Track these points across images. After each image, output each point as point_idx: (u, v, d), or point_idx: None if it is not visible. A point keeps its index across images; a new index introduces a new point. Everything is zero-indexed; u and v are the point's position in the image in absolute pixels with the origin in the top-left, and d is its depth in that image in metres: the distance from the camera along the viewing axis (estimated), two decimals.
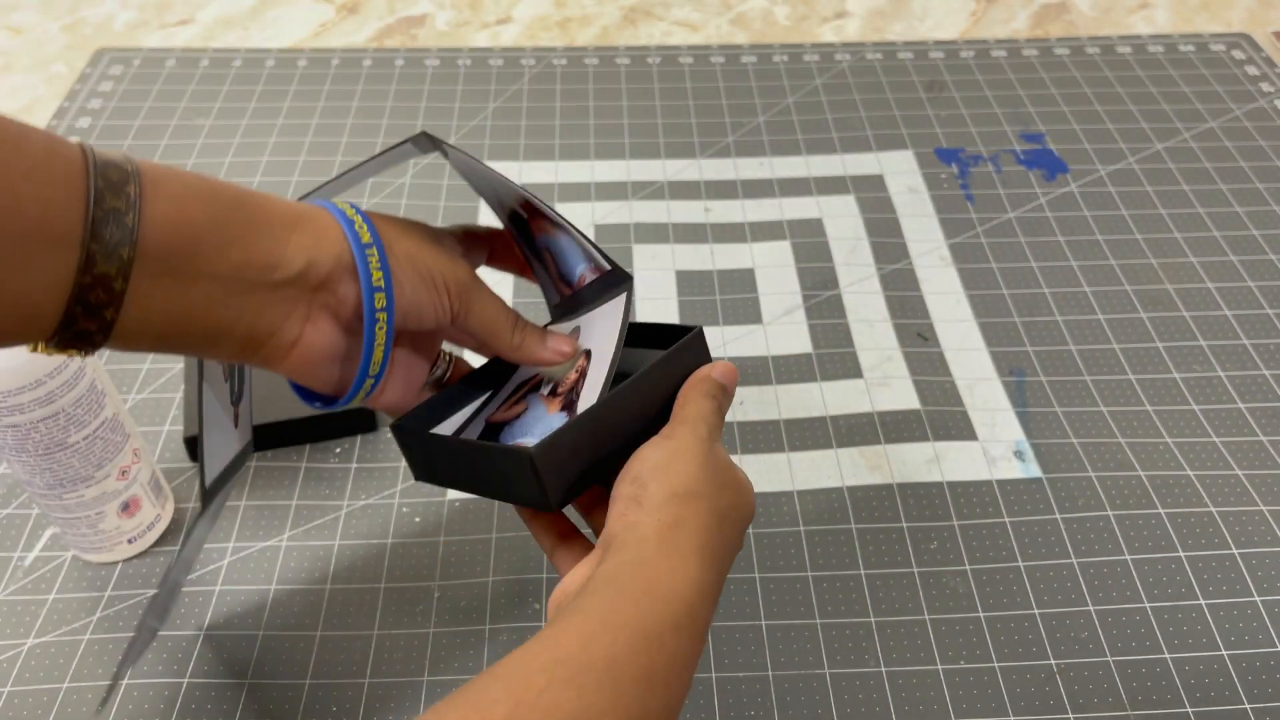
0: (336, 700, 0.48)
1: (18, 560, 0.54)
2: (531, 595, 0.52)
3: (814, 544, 0.54)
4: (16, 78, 0.90)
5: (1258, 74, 0.89)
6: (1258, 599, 0.52)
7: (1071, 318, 0.68)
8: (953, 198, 0.77)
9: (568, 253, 0.44)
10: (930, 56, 0.92)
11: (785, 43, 0.94)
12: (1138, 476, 0.58)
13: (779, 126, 0.84)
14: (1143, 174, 0.79)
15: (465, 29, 0.97)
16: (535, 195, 0.42)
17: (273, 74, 0.89)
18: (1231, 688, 0.49)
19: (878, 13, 0.99)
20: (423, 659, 0.50)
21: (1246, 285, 0.70)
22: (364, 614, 0.52)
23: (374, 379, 0.38)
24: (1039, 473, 0.58)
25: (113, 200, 0.30)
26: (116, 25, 0.97)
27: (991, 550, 0.54)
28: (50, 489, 0.49)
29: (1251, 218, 0.75)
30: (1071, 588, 0.53)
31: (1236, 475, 0.58)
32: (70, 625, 0.51)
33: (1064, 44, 0.93)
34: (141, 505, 0.52)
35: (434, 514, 0.56)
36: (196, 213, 0.32)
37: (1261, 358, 0.65)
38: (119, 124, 0.83)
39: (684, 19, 0.98)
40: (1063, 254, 0.72)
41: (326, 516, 0.56)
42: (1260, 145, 0.82)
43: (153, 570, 0.53)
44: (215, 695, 0.48)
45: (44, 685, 0.48)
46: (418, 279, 0.38)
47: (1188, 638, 0.51)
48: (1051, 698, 0.48)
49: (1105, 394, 0.63)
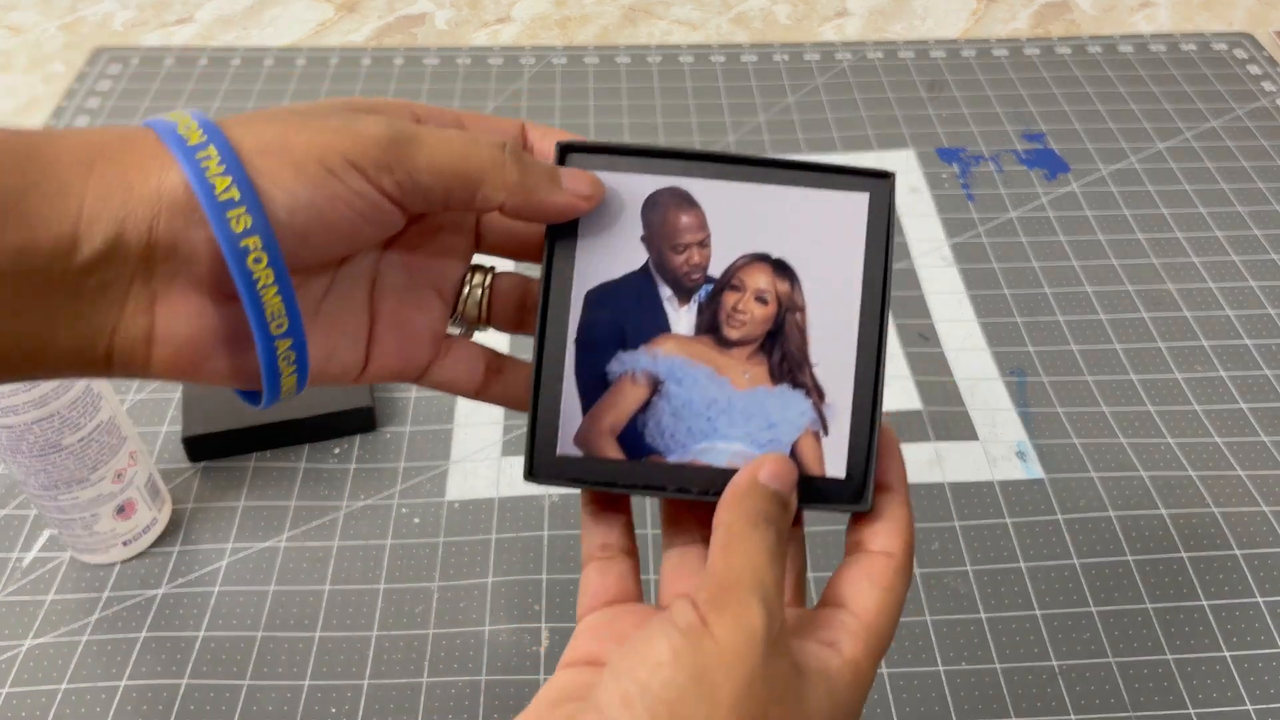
0: (335, 702, 0.48)
1: (16, 561, 0.54)
2: (531, 596, 0.52)
3: (815, 545, 0.54)
4: (15, 77, 0.90)
5: (1260, 73, 0.89)
6: (1260, 600, 0.52)
7: (1073, 318, 0.67)
8: (954, 197, 0.77)
9: None
10: (931, 56, 0.92)
11: (786, 42, 0.94)
12: (1139, 477, 0.57)
13: (779, 126, 0.84)
14: (1144, 173, 0.79)
15: (464, 28, 0.97)
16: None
17: (271, 73, 0.89)
18: (1234, 689, 0.48)
19: (879, 12, 0.99)
20: (422, 660, 0.50)
21: (1248, 285, 0.70)
22: (363, 615, 0.51)
23: (295, 354, 0.26)
24: (1041, 473, 0.58)
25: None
26: (115, 24, 0.97)
27: (993, 551, 0.54)
28: (45, 490, 0.49)
29: (1253, 217, 0.75)
30: (1073, 589, 0.52)
31: (1239, 476, 0.58)
32: (69, 626, 0.51)
33: (1065, 43, 0.93)
34: (137, 508, 0.52)
35: (433, 514, 0.56)
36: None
37: (1264, 358, 0.65)
38: (117, 123, 0.83)
39: (684, 18, 0.98)
40: (1064, 254, 0.72)
41: (325, 517, 0.56)
42: (1262, 145, 0.81)
43: (151, 571, 0.53)
44: (214, 696, 0.48)
45: (42, 686, 0.48)
46: (297, 171, 0.24)
47: (1190, 639, 0.50)
48: (1054, 699, 0.48)
49: (1107, 394, 0.62)
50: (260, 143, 0.24)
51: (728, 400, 0.29)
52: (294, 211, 0.24)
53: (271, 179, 0.24)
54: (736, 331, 0.29)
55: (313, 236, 0.25)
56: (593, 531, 0.31)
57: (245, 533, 0.55)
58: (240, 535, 0.55)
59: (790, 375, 0.29)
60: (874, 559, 0.28)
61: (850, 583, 0.28)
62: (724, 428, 0.29)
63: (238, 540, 0.55)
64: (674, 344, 0.30)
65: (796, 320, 0.29)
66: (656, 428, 0.29)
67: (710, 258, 0.30)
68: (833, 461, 0.29)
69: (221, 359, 0.26)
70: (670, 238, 0.30)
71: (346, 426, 0.59)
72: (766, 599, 0.24)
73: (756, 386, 0.29)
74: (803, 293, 0.29)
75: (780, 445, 0.29)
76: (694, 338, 0.30)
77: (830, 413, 0.29)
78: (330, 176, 0.25)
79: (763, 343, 0.29)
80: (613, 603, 0.30)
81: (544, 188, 0.28)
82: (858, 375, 0.29)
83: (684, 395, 0.29)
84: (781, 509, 0.27)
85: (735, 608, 0.24)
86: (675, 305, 0.30)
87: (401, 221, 0.27)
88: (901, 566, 0.28)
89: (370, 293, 0.30)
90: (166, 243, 0.24)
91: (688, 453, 0.29)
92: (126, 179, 0.24)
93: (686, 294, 0.30)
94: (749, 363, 0.29)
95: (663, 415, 0.29)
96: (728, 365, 0.29)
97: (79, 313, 0.24)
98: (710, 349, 0.29)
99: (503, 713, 0.48)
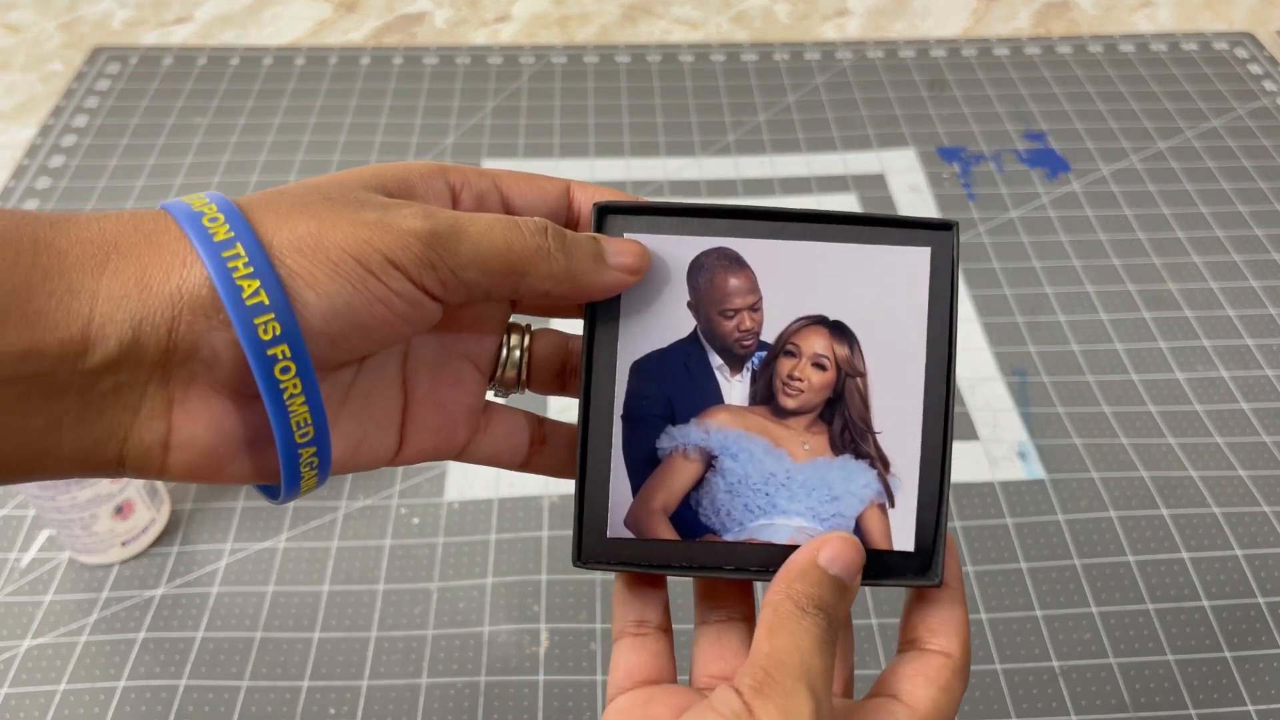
0: (335, 703, 0.48)
1: (14, 561, 0.53)
2: (530, 597, 0.52)
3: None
4: (13, 76, 0.89)
5: (1261, 73, 0.89)
6: (1261, 600, 0.52)
7: (1074, 317, 0.67)
8: (954, 197, 0.77)
9: None
10: (932, 55, 0.91)
11: (786, 41, 0.94)
12: (1140, 477, 0.57)
13: (780, 125, 0.84)
14: (1145, 173, 0.79)
15: (464, 27, 0.97)
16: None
17: (270, 72, 0.89)
18: (1235, 689, 0.48)
19: (879, 10, 0.98)
20: (421, 661, 0.49)
21: (1249, 285, 0.69)
22: (362, 616, 0.51)
23: (318, 460, 0.24)
24: (1042, 473, 0.58)
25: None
26: (114, 23, 0.96)
27: (994, 551, 0.54)
28: (43, 489, 0.48)
29: (1255, 217, 0.75)
30: (1074, 589, 0.52)
31: (1240, 476, 0.58)
32: (67, 626, 0.51)
33: (1066, 42, 0.93)
34: (135, 508, 0.52)
35: (432, 515, 0.56)
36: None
37: (1265, 358, 0.64)
38: (116, 123, 0.83)
39: (684, 17, 0.98)
40: (1065, 253, 0.72)
41: (324, 518, 0.56)
42: (1263, 144, 0.81)
43: (150, 572, 0.53)
44: (212, 697, 0.48)
45: (41, 687, 0.48)
46: (334, 271, 0.23)
47: (1191, 639, 0.50)
48: (1054, 699, 0.48)
49: (1108, 394, 0.62)
50: (293, 239, 0.23)
51: (786, 474, 0.28)
52: (330, 316, 0.23)
53: (306, 280, 0.23)
54: (793, 400, 0.28)
55: (347, 339, 0.24)
56: (628, 606, 0.29)
57: (244, 533, 0.55)
58: (239, 536, 0.55)
59: (853, 445, 0.28)
60: (930, 658, 0.27)
61: (905, 677, 0.27)
62: (784, 503, 0.28)
63: (236, 541, 0.55)
64: (727, 416, 0.28)
65: (857, 386, 0.28)
66: (711, 506, 0.28)
67: (762, 322, 0.28)
68: (900, 534, 0.28)
69: (243, 462, 0.25)
70: (719, 302, 0.28)
71: None
72: (814, 688, 0.23)
73: (817, 458, 0.28)
74: (863, 356, 0.28)
75: (844, 519, 0.28)
76: (748, 408, 0.28)
77: (896, 483, 0.28)
78: (369, 276, 0.23)
79: (822, 411, 0.28)
80: (646, 683, 0.29)
81: (590, 270, 0.26)
82: (924, 442, 0.28)
83: (740, 470, 0.28)
84: (839, 595, 0.25)
85: (781, 698, 0.23)
86: (727, 374, 0.28)
87: (440, 315, 0.26)
88: (960, 668, 0.27)
89: (402, 371, 0.28)
90: (186, 345, 0.22)
91: (745, 530, 0.28)
92: (144, 277, 0.22)
93: (738, 362, 0.28)
94: (808, 433, 0.28)
95: (717, 492, 0.28)
96: (785, 436, 0.28)
97: (89, 418, 0.22)
98: (766, 420, 0.28)
99: (502, 714, 0.47)
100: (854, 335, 0.28)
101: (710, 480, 0.28)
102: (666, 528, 0.28)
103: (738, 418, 0.28)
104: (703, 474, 0.28)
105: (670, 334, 0.28)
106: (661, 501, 0.28)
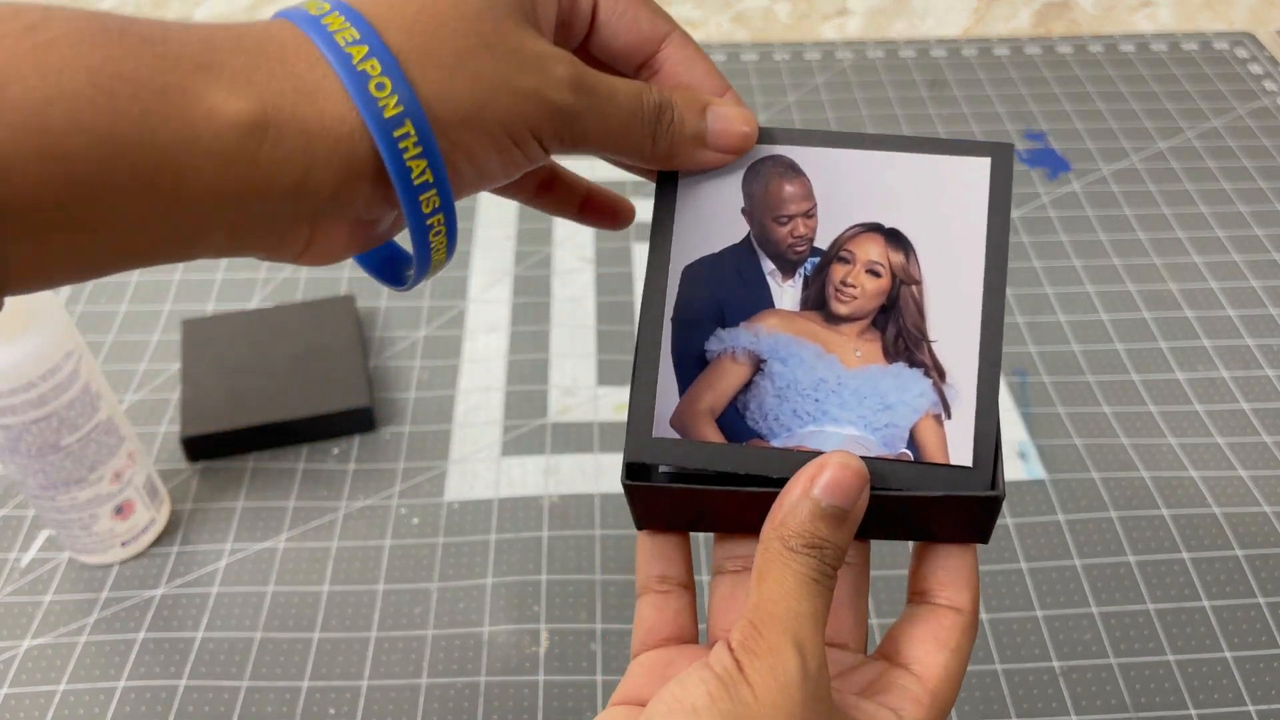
0: (334, 703, 0.48)
1: (14, 561, 0.53)
2: (530, 597, 0.52)
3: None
4: None
5: (1261, 73, 0.89)
6: (1261, 600, 0.52)
7: (1074, 318, 0.67)
8: None
9: None
10: (932, 55, 0.91)
11: (786, 40, 0.94)
12: (1141, 478, 0.57)
13: (780, 125, 0.83)
14: (1146, 173, 0.79)
15: None
16: None
17: None
18: (1235, 690, 0.48)
19: (879, 10, 0.98)
20: (421, 661, 0.49)
21: (1250, 285, 0.69)
22: (362, 616, 0.51)
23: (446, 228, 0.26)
24: (1042, 474, 0.58)
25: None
26: None
27: (994, 552, 0.54)
28: (43, 490, 0.48)
29: (1255, 217, 0.75)
30: (1075, 589, 0.52)
31: (1240, 476, 0.57)
32: (67, 627, 0.51)
33: (1067, 42, 0.93)
34: (135, 509, 0.52)
35: (432, 515, 0.56)
36: (75, 144, 0.19)
37: (1265, 358, 0.64)
38: None
39: (684, 16, 0.98)
40: (1065, 253, 0.72)
41: (324, 518, 0.56)
42: (1264, 144, 0.81)
43: (150, 572, 0.53)
44: (212, 698, 0.48)
45: (40, 687, 0.48)
46: (490, 144, 0.24)
47: (1191, 639, 0.50)
48: (1055, 700, 0.48)
49: (1108, 394, 0.62)
50: (458, 112, 0.23)
51: (838, 380, 0.27)
52: (473, 181, 0.25)
53: (465, 154, 0.24)
54: (846, 306, 0.27)
55: (471, 188, 0.25)
56: (651, 562, 0.29)
57: (244, 533, 0.55)
58: (239, 536, 0.55)
59: (907, 353, 0.27)
60: (941, 615, 0.27)
61: (916, 641, 0.27)
62: (834, 410, 0.27)
63: (236, 541, 0.55)
64: (777, 320, 0.27)
65: (912, 293, 0.27)
66: (759, 410, 0.27)
67: (817, 229, 0.28)
68: (957, 447, 0.27)
69: (366, 247, 0.26)
70: (774, 209, 0.28)
71: (346, 427, 0.59)
72: (800, 640, 0.23)
73: (869, 365, 0.27)
74: (919, 264, 0.27)
75: (898, 429, 0.27)
76: (799, 313, 0.27)
77: (952, 394, 0.27)
78: (514, 149, 0.25)
79: (875, 318, 0.27)
80: (668, 640, 0.29)
81: (688, 155, 0.27)
82: (983, 353, 0.26)
83: (789, 375, 0.27)
84: (833, 527, 0.24)
85: (769, 655, 0.22)
86: (779, 280, 0.28)
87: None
88: (969, 625, 0.27)
89: None
90: (341, 198, 0.23)
91: (794, 436, 0.27)
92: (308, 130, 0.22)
93: (791, 267, 0.28)
94: (860, 339, 0.27)
95: (765, 396, 0.27)
96: (836, 342, 0.27)
97: (234, 234, 0.23)
98: (817, 325, 0.27)
99: (502, 714, 0.47)
100: (910, 243, 0.27)
101: (758, 384, 0.27)
102: (713, 429, 0.27)
103: (788, 322, 0.28)
104: (751, 377, 0.27)
105: (722, 239, 0.28)
106: (709, 403, 0.27)
